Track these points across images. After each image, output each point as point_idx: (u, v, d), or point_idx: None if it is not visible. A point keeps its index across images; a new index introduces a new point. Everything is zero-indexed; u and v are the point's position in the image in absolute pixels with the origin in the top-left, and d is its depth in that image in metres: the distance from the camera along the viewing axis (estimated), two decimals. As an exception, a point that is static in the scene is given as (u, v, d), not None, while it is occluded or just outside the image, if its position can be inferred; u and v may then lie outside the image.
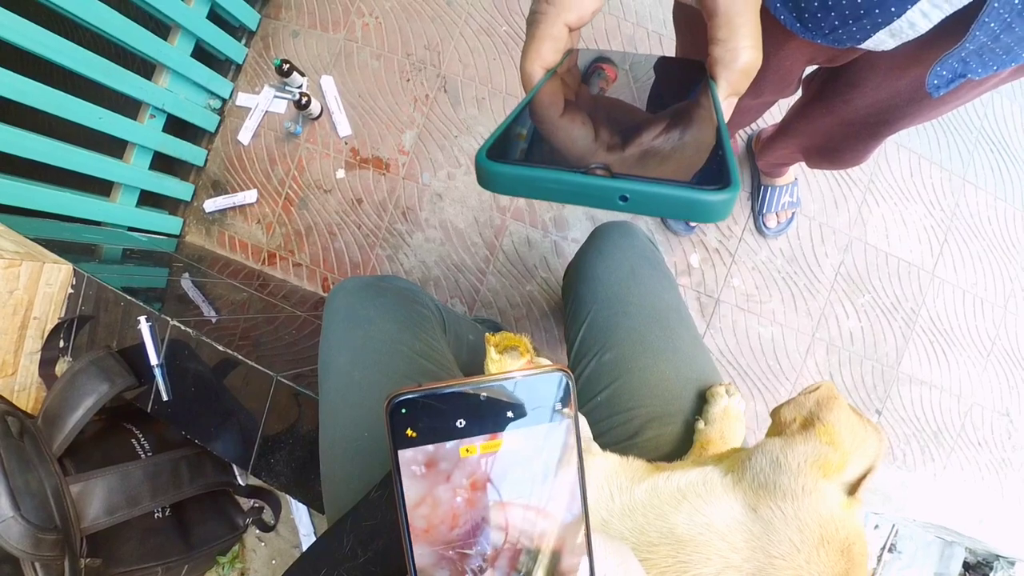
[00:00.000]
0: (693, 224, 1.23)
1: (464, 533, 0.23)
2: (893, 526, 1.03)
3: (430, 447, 0.23)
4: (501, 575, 0.23)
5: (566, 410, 0.23)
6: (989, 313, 1.28)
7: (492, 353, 0.29)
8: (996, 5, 0.37)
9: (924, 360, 1.27)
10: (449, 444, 0.23)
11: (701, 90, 0.28)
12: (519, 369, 0.24)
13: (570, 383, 0.23)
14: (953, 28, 0.42)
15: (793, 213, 1.23)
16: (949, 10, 0.40)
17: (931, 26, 0.42)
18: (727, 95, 0.27)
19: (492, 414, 0.23)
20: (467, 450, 0.23)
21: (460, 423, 0.23)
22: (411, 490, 0.23)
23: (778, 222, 1.23)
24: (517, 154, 0.23)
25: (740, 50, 0.26)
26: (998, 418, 1.29)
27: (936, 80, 0.48)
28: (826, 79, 0.71)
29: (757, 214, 1.23)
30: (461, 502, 0.23)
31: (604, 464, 0.32)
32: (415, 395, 0.23)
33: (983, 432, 1.28)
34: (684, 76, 0.32)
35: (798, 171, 1.24)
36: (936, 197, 1.28)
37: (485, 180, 0.22)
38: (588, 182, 0.20)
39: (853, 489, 0.27)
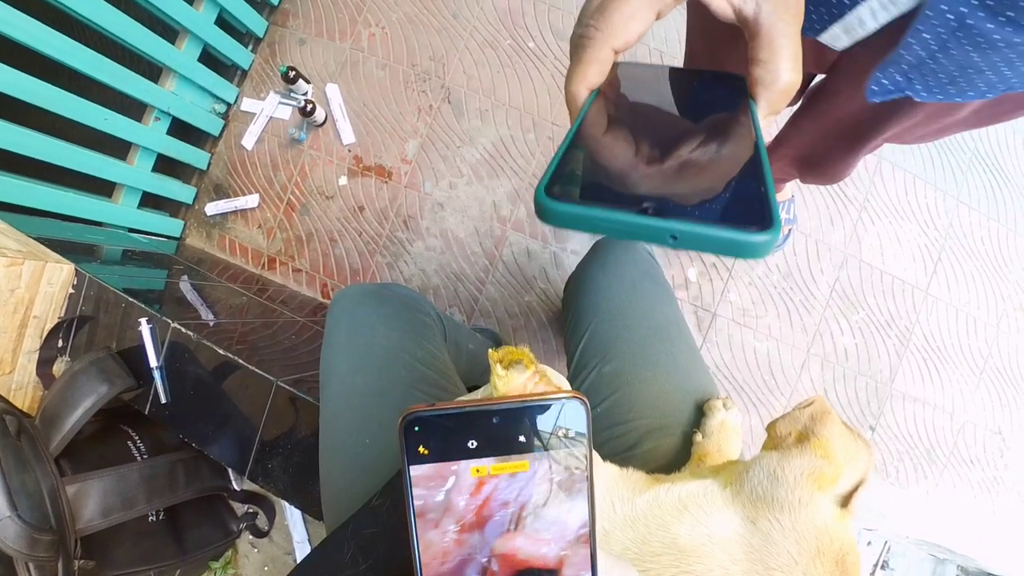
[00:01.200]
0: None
1: (472, 551, 0.23)
2: (886, 543, 1.03)
3: (441, 465, 0.23)
4: None
5: (580, 437, 0.23)
6: (982, 332, 1.30)
7: (498, 369, 0.30)
8: (930, 14, 0.37)
9: (917, 377, 1.28)
10: (460, 463, 0.23)
11: (740, 108, 0.28)
12: (535, 394, 0.24)
13: (586, 410, 0.23)
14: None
15: (789, 230, 1.24)
16: (895, 12, 0.40)
17: (878, 26, 0.42)
18: (766, 114, 0.27)
19: (505, 436, 0.23)
20: (478, 470, 0.23)
21: (472, 444, 0.23)
22: (421, 506, 0.23)
23: None
24: (574, 188, 0.24)
25: (781, 71, 0.27)
26: (990, 436, 1.30)
27: (875, 86, 0.47)
28: (815, 88, 0.71)
29: None
30: (470, 521, 0.23)
31: (604, 474, 0.32)
32: (429, 413, 0.23)
33: (975, 450, 1.29)
34: (723, 90, 0.33)
35: (795, 188, 1.25)
36: (930, 216, 1.30)
37: (544, 216, 0.23)
38: (642, 223, 0.21)
39: (846, 501, 0.28)
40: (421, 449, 0.23)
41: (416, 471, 0.23)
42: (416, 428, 0.23)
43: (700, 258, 1.26)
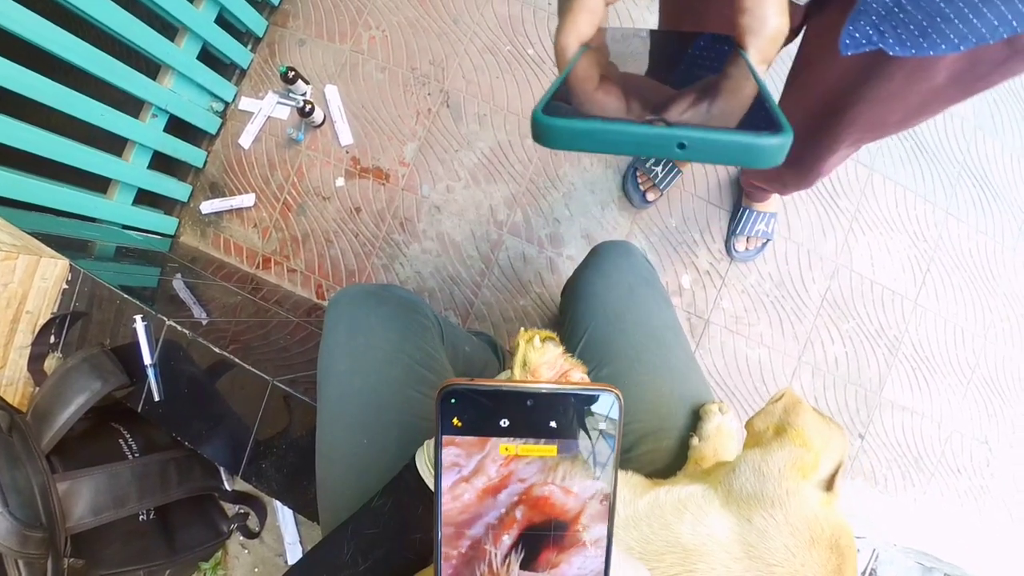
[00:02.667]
0: (651, 198, 1.23)
1: (493, 526, 0.24)
2: (874, 550, 1.04)
3: (473, 438, 0.24)
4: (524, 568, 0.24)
5: (610, 430, 0.24)
6: (970, 342, 1.32)
7: (535, 341, 0.30)
8: None
9: (906, 386, 1.30)
10: (492, 440, 0.24)
11: (731, 60, 0.28)
12: (572, 383, 0.25)
13: (619, 404, 0.24)
14: None
15: (764, 243, 1.25)
16: None
17: None
18: (758, 63, 0.27)
19: (537, 420, 0.24)
20: (507, 449, 0.24)
21: (504, 423, 0.24)
22: (449, 478, 0.24)
23: (747, 247, 1.24)
24: (572, 111, 0.23)
25: (768, 17, 0.26)
26: (977, 445, 1.32)
27: (847, 39, 0.47)
28: (793, 68, 0.70)
29: (729, 233, 1.26)
30: (494, 497, 0.24)
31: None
32: (467, 387, 0.24)
33: (962, 459, 1.31)
34: (711, 47, 0.33)
35: (780, 206, 1.26)
36: (920, 228, 1.32)
37: (543, 135, 0.22)
38: (647, 131, 0.21)
39: (829, 485, 0.29)
40: (455, 421, 0.24)
41: (450, 439, 0.24)
42: (453, 400, 0.24)
43: (695, 265, 1.27)
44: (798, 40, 0.66)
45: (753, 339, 1.27)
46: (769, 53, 0.27)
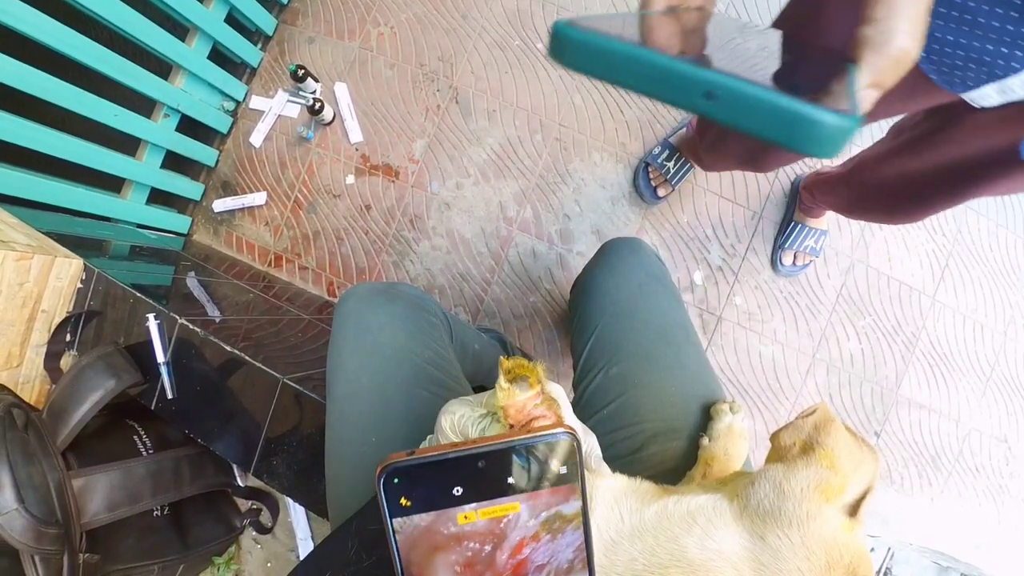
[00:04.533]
0: (662, 194, 1.20)
1: None
2: (889, 549, 1.03)
3: (426, 515, 0.22)
4: None
5: (571, 472, 0.22)
6: (989, 339, 1.29)
7: (501, 381, 0.29)
8: None
9: (923, 384, 1.27)
10: (446, 512, 0.22)
11: (834, 73, 0.23)
12: (517, 435, 0.22)
13: (574, 444, 0.22)
14: None
15: (810, 261, 1.23)
16: None
17: None
18: (869, 83, 0.23)
19: (492, 479, 0.22)
20: (465, 517, 0.22)
21: (457, 491, 0.22)
22: (409, 557, 0.22)
23: (793, 262, 1.22)
24: (597, 29, 0.20)
25: (896, 32, 0.22)
26: (996, 444, 1.29)
27: None
28: (920, 124, 0.67)
29: (777, 246, 1.23)
30: (460, 570, 0.22)
31: (613, 485, 0.32)
32: (409, 463, 0.21)
33: (981, 458, 1.28)
34: (818, 58, 0.28)
35: (832, 221, 1.24)
36: (938, 222, 1.29)
37: (560, 47, 0.19)
38: (673, 66, 0.18)
39: (853, 510, 0.28)
40: (403, 501, 0.22)
41: (399, 523, 0.22)
42: (395, 480, 0.22)
43: (707, 261, 1.25)
44: None
45: (767, 336, 1.25)
46: (885, 76, 0.23)
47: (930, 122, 0.64)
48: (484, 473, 0.22)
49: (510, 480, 0.22)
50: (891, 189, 0.77)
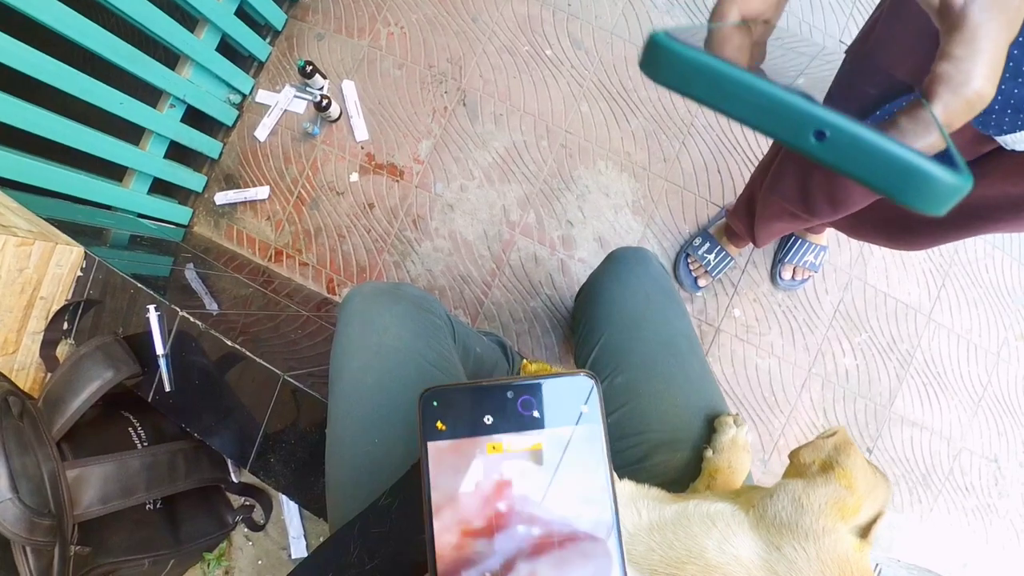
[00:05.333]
0: (703, 284, 1.23)
1: (487, 529, 0.24)
2: (877, 566, 1.03)
3: (458, 441, 0.24)
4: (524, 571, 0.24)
5: (593, 413, 0.24)
6: (982, 359, 1.30)
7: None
8: None
9: (917, 401, 1.28)
10: (476, 439, 0.24)
11: (909, 108, 0.22)
12: (546, 372, 0.25)
13: (596, 386, 0.24)
14: None
15: (810, 276, 1.24)
16: None
17: None
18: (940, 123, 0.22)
19: (519, 413, 0.24)
20: (494, 447, 0.24)
21: (488, 419, 0.24)
22: (438, 481, 0.24)
23: (792, 277, 1.23)
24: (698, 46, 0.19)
25: (975, 75, 0.21)
26: (986, 464, 1.30)
27: None
28: None
29: (776, 261, 1.24)
30: (485, 498, 0.24)
31: (624, 489, 0.32)
32: (447, 389, 0.24)
33: (971, 477, 1.29)
34: (888, 94, 0.28)
35: (832, 237, 1.25)
36: (937, 243, 1.30)
37: (655, 60, 0.18)
38: (784, 97, 0.17)
39: (864, 532, 0.28)
40: (439, 424, 0.24)
41: (433, 445, 0.24)
42: (434, 403, 0.24)
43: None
44: None
45: (763, 349, 1.26)
46: (956, 116, 0.22)
47: None
48: (512, 404, 0.24)
49: (535, 413, 0.24)
50: (900, 220, 0.77)
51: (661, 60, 0.18)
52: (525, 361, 0.33)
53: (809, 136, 0.16)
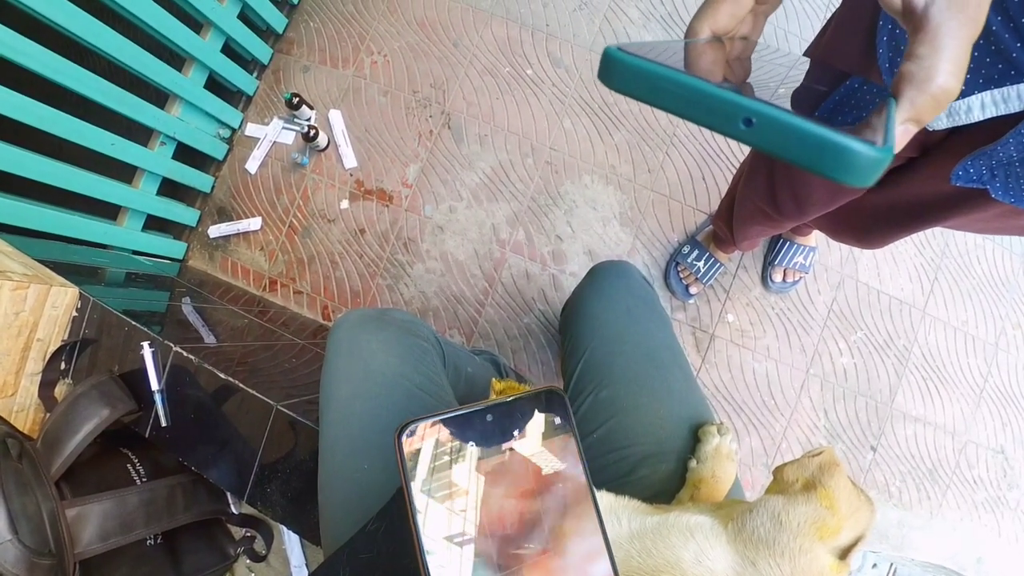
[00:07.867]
0: (694, 291, 1.24)
1: (475, 544, 0.25)
2: (891, 565, 1.02)
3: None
4: None
5: (565, 424, 0.26)
6: (980, 350, 1.30)
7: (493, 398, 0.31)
8: None
9: (918, 397, 1.28)
10: (455, 466, 0.25)
11: (875, 110, 0.24)
12: (514, 392, 0.26)
13: (563, 400, 0.26)
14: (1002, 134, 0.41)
15: (800, 277, 1.25)
16: (1005, 110, 0.39)
17: (983, 118, 0.41)
18: (906, 118, 0.23)
19: (493, 433, 0.25)
20: (472, 468, 0.25)
21: (463, 444, 0.25)
22: (423, 510, 0.25)
23: (783, 279, 1.24)
24: (646, 56, 0.21)
25: (938, 71, 0.23)
26: (993, 456, 1.29)
27: (961, 171, 0.47)
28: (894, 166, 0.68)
29: (767, 264, 1.25)
30: (473, 521, 0.25)
31: (603, 500, 0.33)
32: (419, 421, 0.25)
33: (978, 470, 1.28)
34: (829, 80, 0.30)
35: (820, 238, 1.26)
36: (925, 236, 1.31)
37: (609, 70, 0.21)
38: (715, 93, 0.19)
39: (843, 554, 0.29)
40: None
41: (415, 479, 0.25)
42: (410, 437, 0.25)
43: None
44: None
45: (760, 352, 1.26)
46: (923, 112, 0.23)
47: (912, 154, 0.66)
48: (485, 426, 0.26)
49: (508, 431, 0.26)
50: (857, 220, 0.78)
51: (612, 69, 0.20)
52: (493, 380, 0.34)
53: (739, 123, 0.18)
